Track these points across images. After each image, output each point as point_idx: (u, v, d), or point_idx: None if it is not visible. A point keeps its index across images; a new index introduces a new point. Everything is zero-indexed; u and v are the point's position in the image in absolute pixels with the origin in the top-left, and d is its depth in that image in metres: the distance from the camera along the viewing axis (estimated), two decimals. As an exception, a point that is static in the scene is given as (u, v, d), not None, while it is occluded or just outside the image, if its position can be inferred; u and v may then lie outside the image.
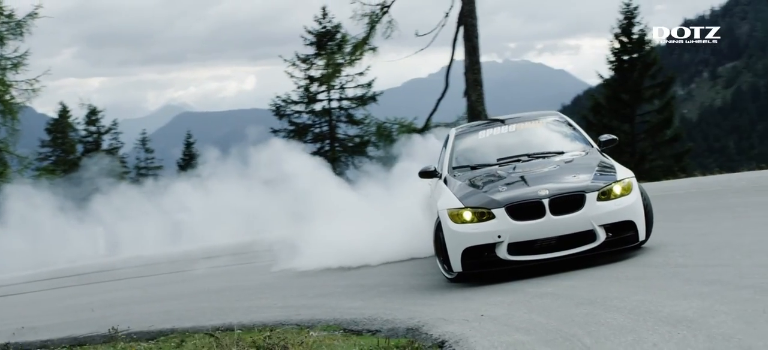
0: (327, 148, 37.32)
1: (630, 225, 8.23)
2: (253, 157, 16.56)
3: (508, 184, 8.58)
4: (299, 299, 9.54)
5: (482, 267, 8.36)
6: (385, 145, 31.04)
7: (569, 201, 8.13)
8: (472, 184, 8.92)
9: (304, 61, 37.76)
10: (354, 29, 33.59)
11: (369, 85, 36.92)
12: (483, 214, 8.25)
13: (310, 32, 38.06)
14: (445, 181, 9.50)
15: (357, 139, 37.02)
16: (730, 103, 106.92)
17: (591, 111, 36.45)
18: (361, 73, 36.21)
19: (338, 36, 36.92)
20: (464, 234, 8.29)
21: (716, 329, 4.79)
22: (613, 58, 35.68)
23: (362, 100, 36.58)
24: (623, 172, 8.60)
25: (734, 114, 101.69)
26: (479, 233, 8.22)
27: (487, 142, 10.18)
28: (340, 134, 38.29)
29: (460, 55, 27.79)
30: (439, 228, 8.66)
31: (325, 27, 38.06)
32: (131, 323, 8.88)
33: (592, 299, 6.47)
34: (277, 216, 15.33)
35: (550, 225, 8.09)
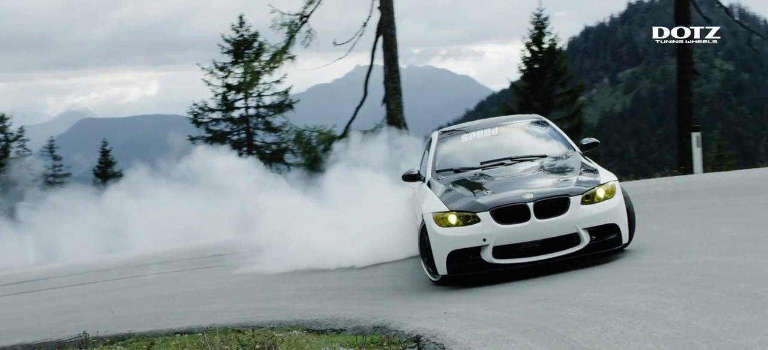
0: (245, 155, 37.42)
1: (613, 228, 8.28)
2: (185, 162, 16.77)
3: (492, 188, 8.60)
4: (253, 302, 9.70)
5: (467, 271, 8.35)
6: (303, 153, 31.38)
7: (554, 205, 8.16)
8: (457, 188, 8.92)
9: (221, 69, 37.87)
10: (273, 38, 33.86)
11: (286, 92, 37.24)
12: (468, 218, 8.26)
13: (227, 40, 38.17)
14: (429, 185, 9.51)
15: (274, 147, 37.30)
16: (629, 108, 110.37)
17: (504, 118, 37.37)
18: (278, 81, 36.52)
19: (256, 44, 37.14)
20: (449, 238, 8.30)
21: (671, 317, 5.42)
22: (524, 67, 36.77)
23: (279, 108, 36.86)
24: (606, 175, 8.66)
25: (634, 119, 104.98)
26: (464, 236, 8.22)
27: (470, 146, 10.20)
28: (257, 141, 38.46)
29: (365, 61, 28.58)
30: (423, 232, 8.69)
31: (242, 35, 38.22)
32: (87, 328, 8.81)
33: (545, 296, 6.95)
34: (218, 221, 15.62)
35: (535, 228, 8.12)
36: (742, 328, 4.97)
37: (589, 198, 8.22)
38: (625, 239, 8.38)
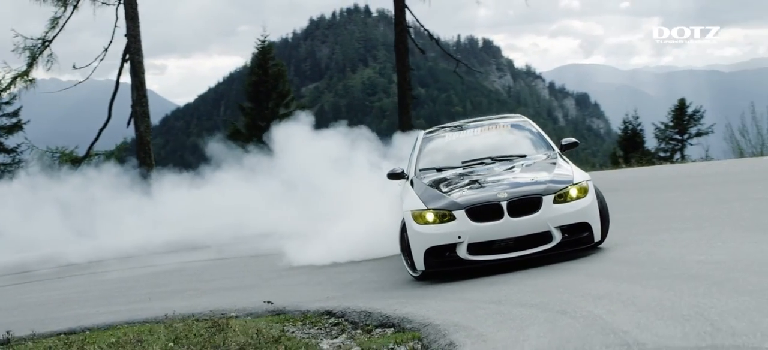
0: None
1: (585, 227, 8.51)
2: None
3: (469, 187, 8.88)
4: (141, 302, 10.40)
5: (444, 266, 8.61)
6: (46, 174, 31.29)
7: (526, 204, 8.40)
8: (436, 186, 9.16)
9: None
10: (14, 61, 33.67)
11: (15, 114, 36.46)
12: (445, 216, 8.50)
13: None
14: (412, 183, 9.75)
15: (11, 168, 36.35)
16: (314, 122, 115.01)
17: (230, 137, 39.32)
18: (7, 103, 35.77)
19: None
20: (426, 235, 8.56)
21: (640, 299, 5.93)
22: (251, 90, 38.83)
23: (10, 129, 36.03)
24: (580, 176, 8.86)
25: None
26: (440, 234, 8.49)
27: (452, 145, 10.46)
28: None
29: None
30: (403, 229, 8.97)
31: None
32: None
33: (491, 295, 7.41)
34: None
35: (508, 226, 8.36)
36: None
37: (561, 198, 8.49)
38: (597, 237, 8.62)
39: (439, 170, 9.85)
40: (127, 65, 29.24)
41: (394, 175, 10.18)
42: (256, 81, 38.79)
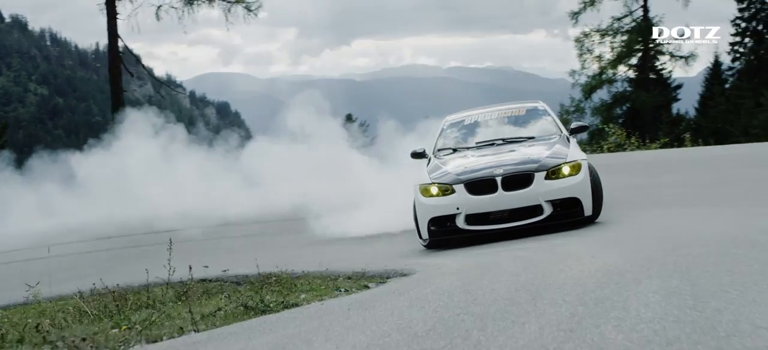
0: None
1: (575, 202, 9.17)
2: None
3: (473, 163, 9.64)
4: None
5: (445, 235, 9.46)
6: None
7: (519, 179, 9.14)
8: (443, 163, 9.99)
9: None
10: None
11: None
12: (446, 189, 9.31)
13: None
14: (428, 162, 10.47)
15: None
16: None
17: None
18: None
19: None
20: (430, 206, 9.40)
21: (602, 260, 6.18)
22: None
23: None
24: (575, 155, 9.52)
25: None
26: (441, 205, 9.31)
27: (470, 128, 11.18)
28: None
29: None
30: (414, 202, 9.75)
31: None
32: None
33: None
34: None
35: (502, 199, 9.14)
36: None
37: (554, 174, 9.20)
38: (587, 212, 9.25)
39: (455, 150, 10.66)
40: None
41: (416, 155, 10.86)
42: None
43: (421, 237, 9.70)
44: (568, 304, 4.61)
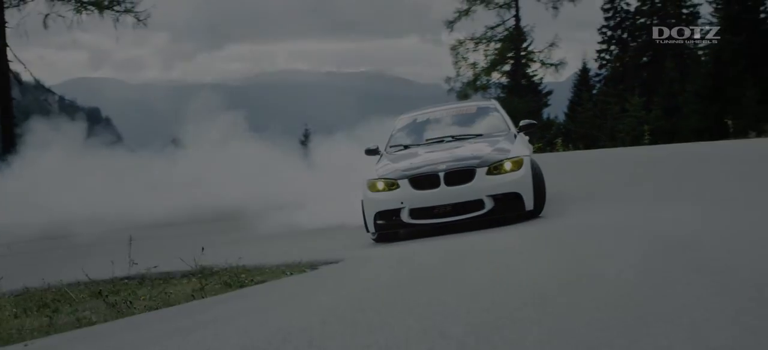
0: None
1: (516, 197, 9.48)
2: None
3: (419, 159, 9.98)
4: None
5: (390, 228, 9.85)
6: None
7: (461, 175, 9.46)
8: (392, 160, 10.32)
9: None
10: None
11: None
12: (392, 184, 9.67)
13: None
14: (379, 158, 10.75)
15: None
16: None
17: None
18: None
19: None
20: (376, 201, 9.74)
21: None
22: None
23: None
24: (518, 151, 9.82)
25: None
26: (387, 200, 9.66)
27: (422, 125, 11.51)
28: None
29: None
30: (363, 197, 10.00)
31: None
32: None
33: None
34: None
35: (444, 194, 9.46)
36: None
37: (496, 170, 9.52)
38: (528, 206, 9.58)
39: (406, 147, 10.91)
40: None
41: (370, 152, 11.09)
42: None
43: (368, 230, 10.00)
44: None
